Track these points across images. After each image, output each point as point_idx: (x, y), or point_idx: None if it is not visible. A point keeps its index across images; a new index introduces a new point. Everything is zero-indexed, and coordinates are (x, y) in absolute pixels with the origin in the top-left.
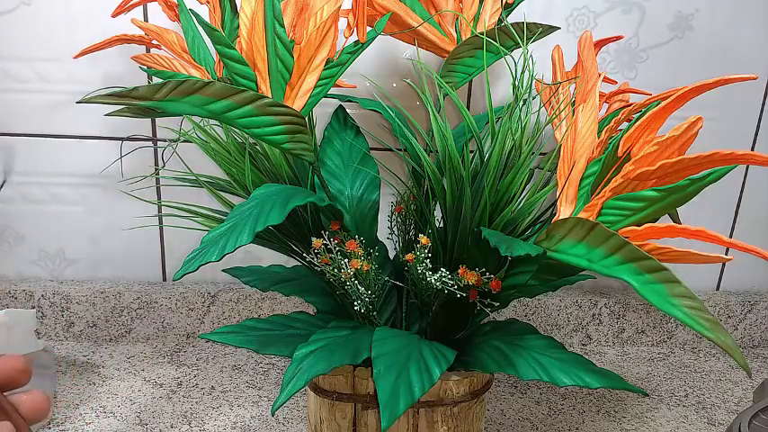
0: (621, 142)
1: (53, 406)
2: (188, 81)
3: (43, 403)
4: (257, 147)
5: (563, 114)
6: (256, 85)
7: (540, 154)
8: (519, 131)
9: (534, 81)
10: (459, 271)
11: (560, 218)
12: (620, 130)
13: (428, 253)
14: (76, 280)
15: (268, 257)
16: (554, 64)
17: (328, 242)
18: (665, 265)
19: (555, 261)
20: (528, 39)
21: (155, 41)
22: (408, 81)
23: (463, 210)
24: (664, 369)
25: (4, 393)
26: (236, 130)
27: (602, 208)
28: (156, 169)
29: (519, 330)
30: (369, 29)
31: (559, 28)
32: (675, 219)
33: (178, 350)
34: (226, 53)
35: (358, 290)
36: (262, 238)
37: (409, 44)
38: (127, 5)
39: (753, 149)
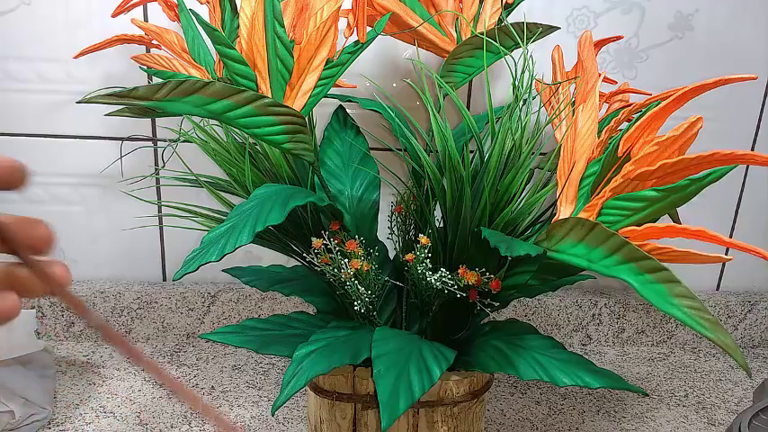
0: (621, 142)
1: (53, 406)
2: (188, 81)
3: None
4: (257, 147)
5: (563, 114)
6: (256, 85)
7: (540, 154)
8: (519, 131)
9: (534, 81)
10: (459, 271)
11: (560, 218)
12: (620, 130)
13: (428, 253)
14: (76, 280)
15: (268, 257)
16: (554, 64)
17: (328, 242)
18: (665, 265)
19: (555, 261)
20: (528, 39)
21: (155, 41)
22: (408, 81)
23: (463, 210)
24: (664, 369)
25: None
26: (236, 130)
27: (602, 208)
28: (156, 169)
29: (519, 330)
30: (369, 29)
31: (559, 28)
32: (675, 219)
33: (178, 350)
34: (226, 53)
35: (358, 290)
36: (262, 238)
37: (409, 44)
38: (127, 5)
39: (753, 149)
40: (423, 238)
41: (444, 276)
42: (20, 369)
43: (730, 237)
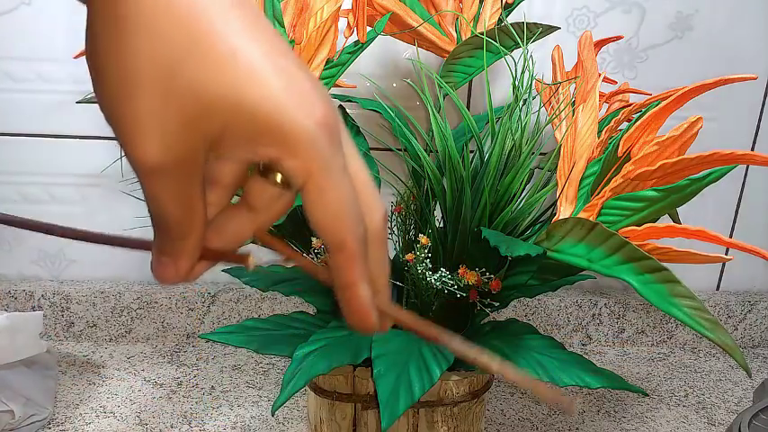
0: (621, 142)
1: (53, 406)
2: None
3: None
4: None
5: (563, 114)
6: None
7: (540, 154)
8: (519, 131)
9: (534, 81)
10: (459, 271)
11: (560, 218)
12: (620, 130)
13: (428, 253)
14: (76, 280)
15: (268, 257)
16: (554, 64)
17: None
18: (665, 265)
19: (555, 261)
20: (528, 39)
21: None
22: (408, 81)
23: (463, 210)
24: (664, 369)
25: None
26: None
27: (602, 208)
28: None
29: (519, 330)
30: (369, 29)
31: (559, 28)
32: (675, 219)
33: (178, 350)
34: None
35: None
36: None
37: (409, 44)
38: None
39: (753, 149)
40: (423, 238)
41: (444, 276)
42: (23, 370)
43: (730, 237)
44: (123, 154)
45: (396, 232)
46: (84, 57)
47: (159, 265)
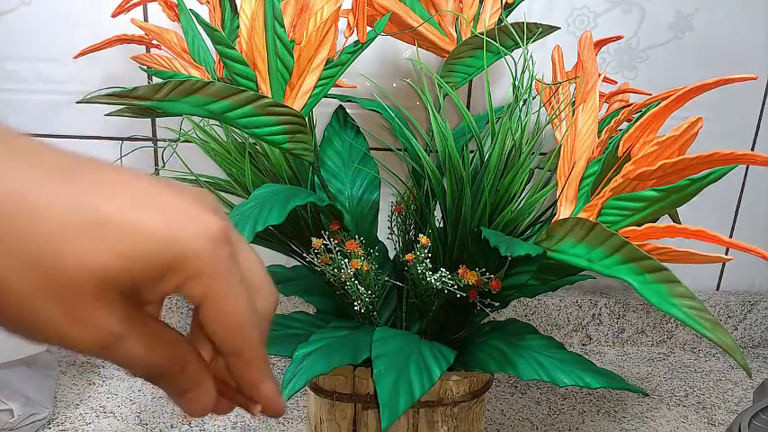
0: (621, 142)
1: (53, 405)
2: (188, 81)
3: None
4: (257, 147)
5: (563, 114)
6: (256, 85)
7: (540, 154)
8: (519, 131)
9: (534, 81)
10: (459, 271)
11: (560, 218)
12: (620, 130)
13: (428, 253)
14: None
15: (268, 257)
16: (554, 64)
17: (328, 242)
18: (665, 264)
19: (555, 261)
20: (528, 39)
21: (155, 41)
22: (408, 81)
23: (463, 210)
24: (664, 369)
25: None
26: (236, 130)
27: (602, 208)
28: (156, 169)
29: (519, 330)
30: (369, 29)
31: (559, 28)
32: (675, 219)
33: None
34: (226, 53)
35: (358, 290)
36: (262, 239)
37: (409, 44)
38: (127, 5)
39: (753, 149)
40: (423, 238)
41: (444, 276)
42: (24, 369)
43: (730, 237)
44: None
45: (396, 232)
46: None
47: (185, 405)
